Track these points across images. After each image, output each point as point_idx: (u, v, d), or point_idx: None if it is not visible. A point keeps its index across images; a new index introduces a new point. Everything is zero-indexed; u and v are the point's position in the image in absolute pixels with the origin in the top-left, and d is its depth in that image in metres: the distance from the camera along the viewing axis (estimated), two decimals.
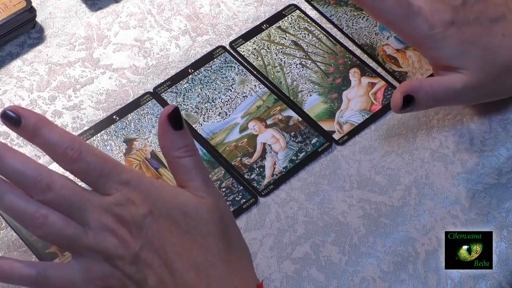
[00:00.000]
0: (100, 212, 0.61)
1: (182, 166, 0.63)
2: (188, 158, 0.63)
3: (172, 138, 0.63)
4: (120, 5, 0.86)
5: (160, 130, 0.63)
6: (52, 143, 0.61)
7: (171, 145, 0.63)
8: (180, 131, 0.63)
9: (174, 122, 0.63)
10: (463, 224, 0.74)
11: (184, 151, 0.63)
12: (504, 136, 0.79)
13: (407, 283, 0.71)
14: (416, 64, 0.84)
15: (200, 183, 0.62)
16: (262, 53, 0.83)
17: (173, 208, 0.61)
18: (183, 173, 0.63)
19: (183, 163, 0.63)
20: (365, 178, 0.76)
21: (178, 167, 0.63)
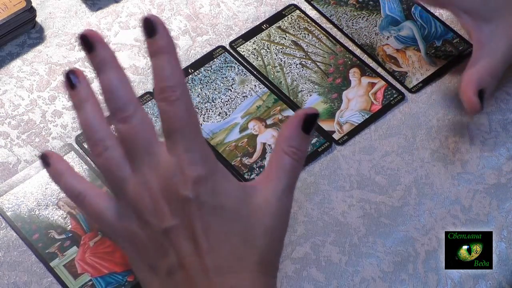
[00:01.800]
0: (153, 172, 0.58)
1: (282, 162, 0.61)
2: (293, 160, 0.61)
3: (294, 135, 0.60)
4: (120, 5, 0.86)
5: (290, 121, 0.61)
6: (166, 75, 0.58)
7: (288, 140, 0.61)
8: (305, 134, 0.61)
9: (307, 124, 0.60)
10: (463, 224, 0.74)
11: (294, 152, 0.60)
12: (504, 136, 0.79)
13: (407, 283, 0.71)
14: (416, 64, 0.84)
15: (283, 186, 0.60)
16: (262, 53, 0.83)
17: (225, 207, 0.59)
18: (278, 169, 0.61)
19: (284, 161, 0.60)
20: (365, 178, 0.76)
21: (277, 161, 0.61)
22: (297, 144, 0.61)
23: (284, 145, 0.61)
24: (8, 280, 0.69)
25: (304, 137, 0.61)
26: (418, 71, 0.83)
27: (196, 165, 0.58)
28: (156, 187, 0.58)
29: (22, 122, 0.78)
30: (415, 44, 0.85)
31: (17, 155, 0.76)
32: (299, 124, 0.60)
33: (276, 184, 0.60)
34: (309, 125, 0.60)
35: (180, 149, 0.58)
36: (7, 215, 0.72)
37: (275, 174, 0.61)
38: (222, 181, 0.59)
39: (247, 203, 0.59)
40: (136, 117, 0.59)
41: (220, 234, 0.58)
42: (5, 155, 0.76)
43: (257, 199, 0.60)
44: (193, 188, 0.58)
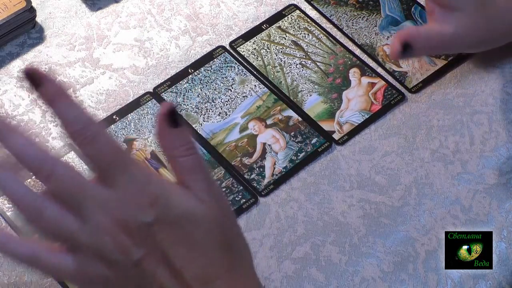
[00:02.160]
0: (101, 211, 0.57)
1: (183, 165, 0.60)
2: (189, 157, 0.59)
3: (171, 137, 0.59)
4: (120, 5, 0.86)
5: (158, 129, 0.59)
6: (68, 119, 0.58)
7: (171, 144, 0.60)
8: (179, 128, 0.59)
9: (172, 120, 0.59)
10: (463, 224, 0.74)
11: (184, 149, 0.59)
12: (504, 136, 0.79)
13: (407, 283, 0.71)
14: (416, 64, 0.84)
15: (203, 183, 0.59)
16: (262, 53, 0.83)
17: (182, 217, 0.58)
18: (185, 173, 0.60)
19: (184, 162, 0.59)
20: (365, 178, 0.76)
21: (179, 167, 0.60)
22: (181, 140, 0.59)
23: (172, 152, 0.59)
24: (8, 280, 0.69)
25: (180, 131, 0.59)
26: (418, 71, 0.83)
27: (144, 189, 0.57)
28: (110, 225, 0.57)
29: (22, 122, 0.78)
30: None
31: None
32: (166, 126, 0.59)
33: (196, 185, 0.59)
34: (174, 119, 0.59)
35: (121, 181, 0.57)
36: (7, 215, 0.72)
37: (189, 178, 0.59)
38: (171, 193, 0.58)
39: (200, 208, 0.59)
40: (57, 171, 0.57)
41: (189, 246, 0.58)
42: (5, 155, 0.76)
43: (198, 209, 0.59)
44: (149, 212, 0.57)
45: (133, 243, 0.57)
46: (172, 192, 0.59)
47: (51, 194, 0.57)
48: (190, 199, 0.59)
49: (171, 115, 0.59)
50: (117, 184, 0.57)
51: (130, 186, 0.57)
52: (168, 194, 0.58)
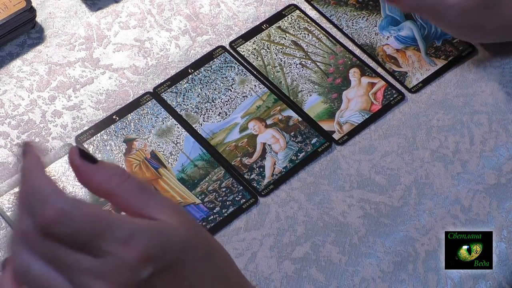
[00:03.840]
0: (99, 282, 0.53)
1: (129, 190, 0.55)
2: (129, 179, 0.55)
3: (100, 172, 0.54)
4: (120, 5, 0.86)
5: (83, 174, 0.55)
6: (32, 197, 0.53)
7: (105, 177, 0.55)
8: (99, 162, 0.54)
9: (89, 158, 0.54)
10: (463, 224, 0.74)
11: (120, 175, 0.55)
12: (504, 136, 0.79)
13: (407, 283, 0.71)
14: (416, 64, 0.84)
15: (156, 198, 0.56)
16: (262, 53, 0.83)
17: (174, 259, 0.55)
18: (135, 196, 0.55)
19: (128, 187, 0.55)
20: (365, 178, 0.76)
21: (126, 194, 0.55)
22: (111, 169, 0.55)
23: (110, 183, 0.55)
24: None
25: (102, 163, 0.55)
26: (418, 71, 0.83)
27: (131, 246, 0.53)
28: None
29: (22, 122, 0.78)
30: (415, 44, 0.85)
31: (17, 155, 0.76)
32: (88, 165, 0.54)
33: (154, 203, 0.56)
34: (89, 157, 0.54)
35: (109, 248, 0.53)
36: (7, 215, 0.72)
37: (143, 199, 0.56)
38: (158, 237, 0.55)
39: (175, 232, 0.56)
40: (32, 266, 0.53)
41: (188, 276, 0.56)
42: (5, 155, 0.76)
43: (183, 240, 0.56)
44: (145, 267, 0.54)
45: None
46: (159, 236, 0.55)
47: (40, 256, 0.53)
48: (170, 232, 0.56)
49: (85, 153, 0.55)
50: (105, 253, 0.53)
51: (120, 251, 0.53)
52: (156, 241, 0.55)
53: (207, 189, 0.75)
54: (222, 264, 0.59)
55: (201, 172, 0.75)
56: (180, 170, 0.75)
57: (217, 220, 0.73)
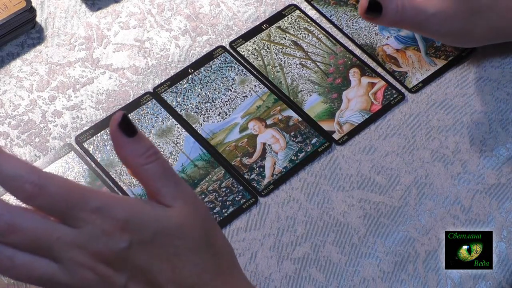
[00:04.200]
0: (73, 249, 0.55)
1: (149, 173, 0.57)
2: (154, 163, 0.57)
3: (130, 147, 0.57)
4: (120, 5, 0.86)
5: (115, 142, 0.57)
6: (7, 176, 0.54)
7: (132, 154, 0.57)
8: (136, 136, 0.57)
9: (127, 130, 0.57)
10: (463, 224, 0.74)
11: (147, 156, 0.57)
12: (504, 136, 0.79)
13: (407, 283, 0.71)
14: (416, 64, 0.84)
15: (174, 188, 0.58)
16: (262, 53, 0.83)
17: (156, 232, 0.56)
18: (153, 180, 0.58)
19: (150, 170, 0.57)
20: (365, 178, 0.76)
21: (145, 176, 0.58)
22: (141, 148, 0.57)
23: (135, 161, 0.57)
24: (8, 280, 0.69)
25: (137, 138, 0.57)
26: (418, 71, 0.83)
27: (110, 217, 0.55)
28: (88, 260, 0.55)
29: (22, 122, 0.78)
30: (415, 44, 0.85)
31: (17, 155, 0.76)
32: (122, 137, 0.57)
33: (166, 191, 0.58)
34: (128, 128, 0.57)
35: (84, 218, 0.55)
36: None
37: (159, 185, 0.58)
38: (139, 212, 0.57)
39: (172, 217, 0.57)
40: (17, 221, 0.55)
41: (170, 259, 0.57)
42: None
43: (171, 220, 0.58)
44: (122, 237, 0.56)
45: (114, 270, 0.56)
46: (140, 210, 0.57)
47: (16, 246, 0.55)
48: (160, 211, 0.57)
49: (125, 123, 0.57)
50: (82, 222, 0.55)
51: (96, 219, 0.55)
52: (136, 214, 0.56)
53: (207, 189, 0.75)
54: (219, 261, 0.59)
55: (201, 172, 0.75)
56: (180, 170, 0.75)
57: (217, 220, 0.73)
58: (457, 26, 0.78)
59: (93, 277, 0.56)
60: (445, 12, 0.76)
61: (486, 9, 0.78)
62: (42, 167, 0.74)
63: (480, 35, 0.79)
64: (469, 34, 0.79)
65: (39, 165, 0.74)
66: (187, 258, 0.57)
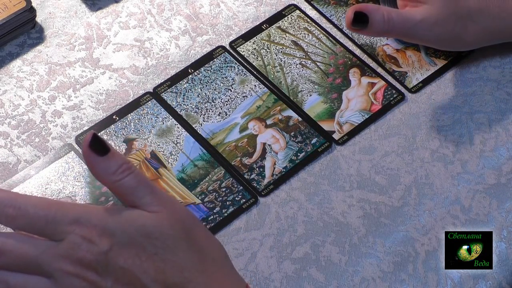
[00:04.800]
0: (59, 260, 0.58)
1: (124, 188, 0.59)
2: (127, 178, 0.59)
3: (102, 165, 0.59)
4: (120, 5, 0.86)
5: (88, 162, 0.59)
6: None
7: (105, 172, 0.59)
8: (108, 154, 0.59)
9: (98, 149, 0.59)
10: (463, 224, 0.74)
11: (120, 172, 0.59)
12: (504, 136, 0.79)
13: (407, 283, 0.71)
14: (416, 64, 0.84)
15: (150, 197, 0.59)
16: (262, 53, 0.83)
17: (134, 234, 0.58)
18: (129, 194, 0.60)
19: (124, 185, 0.59)
20: (365, 178, 0.76)
21: (122, 191, 0.60)
22: (114, 165, 0.59)
23: (109, 178, 0.59)
24: None
25: (109, 156, 0.59)
26: (418, 71, 0.83)
27: (88, 225, 0.58)
28: (75, 268, 0.58)
29: (22, 122, 0.78)
30: (415, 44, 0.85)
31: (17, 155, 0.76)
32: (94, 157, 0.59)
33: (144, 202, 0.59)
34: (99, 148, 0.59)
35: (65, 230, 0.58)
36: None
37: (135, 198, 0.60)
38: (116, 217, 0.59)
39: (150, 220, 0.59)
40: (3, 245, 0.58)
41: (151, 259, 0.58)
42: (5, 155, 0.76)
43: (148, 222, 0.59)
44: (102, 242, 0.58)
45: (99, 275, 0.58)
46: (117, 216, 0.59)
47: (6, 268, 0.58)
48: (138, 215, 0.59)
49: (95, 143, 0.59)
50: (62, 235, 0.58)
51: (75, 229, 0.58)
52: (113, 219, 0.59)
53: (207, 189, 0.75)
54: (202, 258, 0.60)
55: (201, 172, 0.75)
56: (180, 170, 0.75)
57: (217, 220, 0.73)
58: (446, 31, 0.78)
59: (82, 284, 0.58)
60: (432, 17, 0.77)
61: (476, 12, 0.78)
62: (42, 167, 0.74)
63: (472, 39, 0.79)
64: (459, 38, 0.79)
65: (39, 165, 0.74)
66: (167, 257, 0.59)
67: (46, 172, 0.74)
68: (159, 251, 0.58)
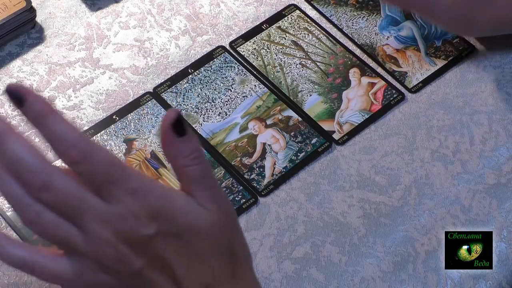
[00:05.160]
0: (99, 222, 0.55)
1: (190, 175, 0.58)
2: (197, 166, 0.57)
3: (178, 146, 0.57)
4: (120, 5, 0.86)
5: (164, 139, 0.57)
6: (55, 137, 0.55)
7: (178, 153, 0.57)
8: (186, 137, 0.57)
9: (179, 129, 0.57)
10: (463, 224, 0.74)
11: (191, 158, 0.57)
12: (504, 136, 0.79)
13: (407, 283, 0.71)
14: (416, 64, 0.84)
15: (209, 192, 0.58)
16: (262, 53, 0.83)
17: (185, 229, 0.57)
18: (192, 182, 0.58)
19: (191, 172, 0.57)
20: (365, 178, 0.76)
21: (186, 176, 0.58)
22: (188, 149, 0.57)
23: (179, 161, 0.58)
24: (8, 280, 0.69)
25: (186, 139, 0.57)
26: (418, 71, 0.83)
27: (144, 203, 0.56)
28: (111, 237, 0.56)
29: (22, 122, 0.78)
30: (415, 44, 0.85)
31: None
32: (172, 136, 0.57)
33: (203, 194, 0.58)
34: (180, 128, 0.57)
35: (119, 196, 0.55)
36: (7, 215, 0.72)
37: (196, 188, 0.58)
38: (173, 204, 0.57)
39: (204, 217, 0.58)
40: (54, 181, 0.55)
41: (191, 255, 0.57)
42: None
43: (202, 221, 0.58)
44: (150, 224, 0.56)
45: (133, 253, 0.56)
46: (174, 203, 0.57)
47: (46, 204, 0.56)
48: (193, 209, 0.58)
49: (178, 123, 0.57)
50: (115, 199, 0.56)
51: (129, 201, 0.56)
52: (169, 205, 0.57)
53: None
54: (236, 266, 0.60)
55: None
56: None
57: None
58: (462, 13, 0.78)
59: (112, 254, 0.56)
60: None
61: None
62: None
63: (482, 24, 0.79)
64: (472, 21, 0.79)
65: None
66: (207, 259, 0.58)
67: None
68: (201, 251, 0.57)
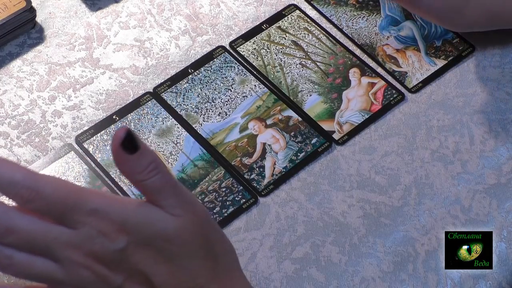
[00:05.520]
0: (70, 249, 0.56)
1: (150, 187, 0.57)
2: (154, 178, 0.57)
3: (131, 164, 0.56)
4: (120, 5, 0.86)
5: (116, 159, 0.56)
6: (3, 182, 0.54)
7: (133, 170, 0.57)
8: (138, 153, 0.56)
9: (130, 147, 0.56)
10: (463, 224, 0.74)
11: (147, 172, 0.57)
12: (504, 136, 0.79)
13: (407, 283, 0.71)
14: (416, 64, 0.84)
15: (174, 199, 0.57)
16: (262, 53, 0.83)
17: (153, 236, 0.57)
18: (154, 193, 0.57)
19: (150, 185, 0.57)
20: (365, 178, 0.76)
21: (146, 189, 0.57)
22: (142, 164, 0.56)
23: (136, 177, 0.57)
24: (8, 280, 0.69)
25: (139, 155, 0.56)
26: (418, 71, 0.83)
27: (107, 218, 0.56)
28: (85, 260, 0.56)
29: (22, 122, 0.78)
30: (415, 44, 0.85)
31: (17, 155, 0.76)
32: (123, 155, 0.56)
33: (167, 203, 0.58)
34: (130, 145, 0.56)
35: (82, 219, 0.55)
36: None
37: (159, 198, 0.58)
38: (138, 215, 0.57)
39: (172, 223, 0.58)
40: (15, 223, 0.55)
41: (166, 262, 0.57)
42: (5, 155, 0.76)
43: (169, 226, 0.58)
44: (118, 238, 0.56)
45: (110, 270, 0.57)
46: (138, 213, 0.57)
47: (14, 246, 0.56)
48: (158, 217, 0.57)
49: (127, 140, 0.56)
50: (80, 224, 0.56)
51: (92, 221, 0.56)
52: (133, 217, 0.57)
53: (207, 189, 0.75)
54: (216, 265, 0.59)
55: (201, 172, 0.75)
56: (180, 170, 0.75)
57: (217, 220, 0.73)
58: (449, 4, 0.78)
59: (90, 276, 0.56)
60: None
61: None
62: (42, 167, 0.74)
63: (472, 18, 0.79)
64: (460, 13, 0.79)
65: (39, 165, 0.74)
66: (183, 263, 0.58)
67: (46, 172, 0.74)
68: (176, 257, 0.57)
